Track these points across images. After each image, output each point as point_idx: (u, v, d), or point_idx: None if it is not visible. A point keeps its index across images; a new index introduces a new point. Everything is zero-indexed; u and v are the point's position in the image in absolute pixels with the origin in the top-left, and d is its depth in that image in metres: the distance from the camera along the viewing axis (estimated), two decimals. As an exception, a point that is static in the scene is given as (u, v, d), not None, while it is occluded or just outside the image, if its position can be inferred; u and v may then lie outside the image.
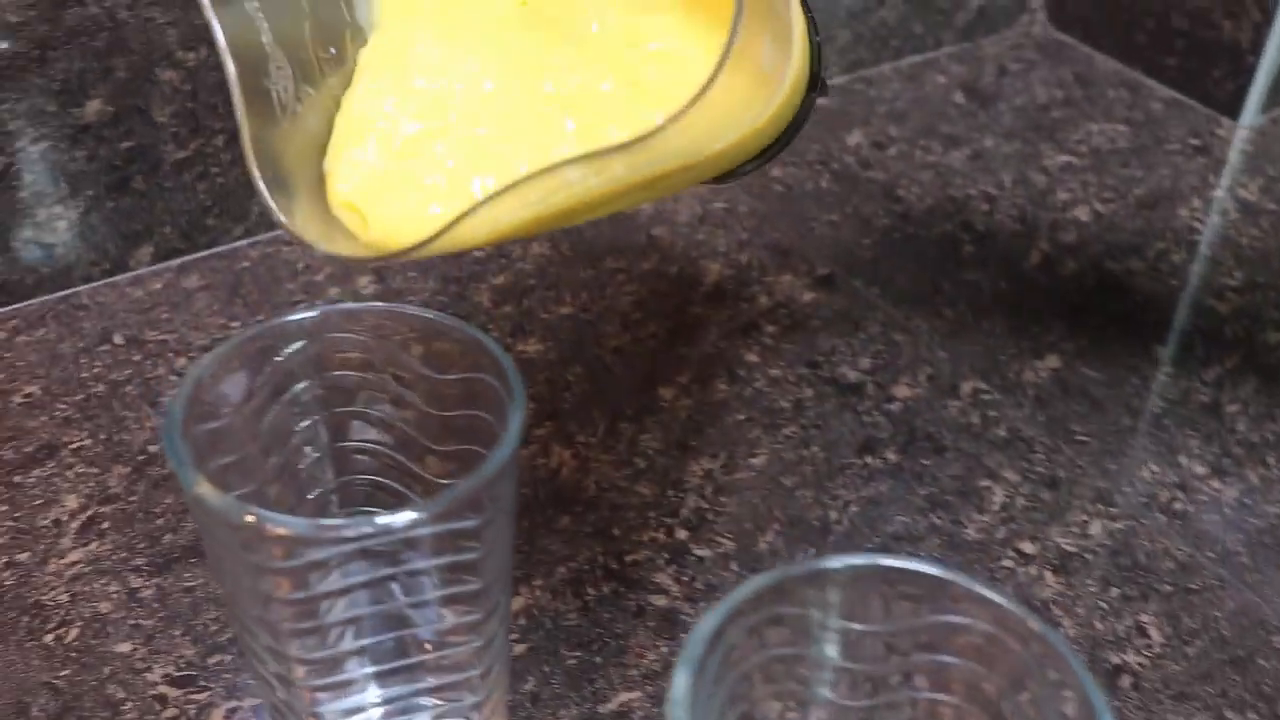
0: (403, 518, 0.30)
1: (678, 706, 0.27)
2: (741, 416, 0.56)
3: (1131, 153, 0.74)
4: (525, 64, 0.38)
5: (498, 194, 0.31)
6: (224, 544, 0.32)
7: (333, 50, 0.38)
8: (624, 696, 0.45)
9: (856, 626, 0.30)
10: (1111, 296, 0.64)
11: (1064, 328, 0.61)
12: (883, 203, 0.69)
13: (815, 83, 0.39)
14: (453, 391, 0.36)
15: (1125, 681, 0.46)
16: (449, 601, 0.34)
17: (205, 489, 0.31)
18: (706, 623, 0.28)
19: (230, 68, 0.34)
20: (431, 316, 0.36)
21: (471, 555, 0.32)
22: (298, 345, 0.35)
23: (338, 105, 0.38)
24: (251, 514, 0.30)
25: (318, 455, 0.37)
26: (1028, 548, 0.50)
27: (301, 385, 0.35)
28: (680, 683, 0.27)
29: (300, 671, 0.35)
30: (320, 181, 0.37)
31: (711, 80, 0.31)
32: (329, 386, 0.36)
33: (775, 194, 0.70)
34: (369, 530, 0.30)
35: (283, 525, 0.30)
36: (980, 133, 0.75)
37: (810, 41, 0.38)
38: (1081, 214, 0.69)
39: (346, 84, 0.39)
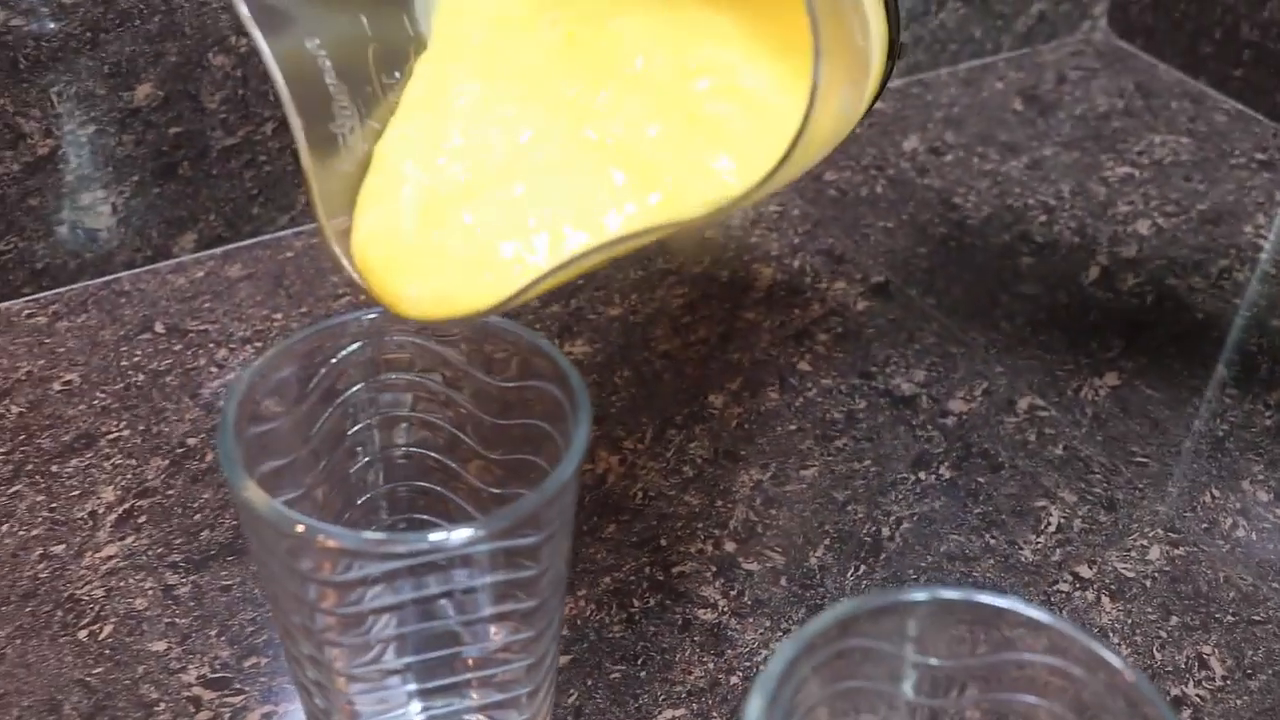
0: (460, 535, 0.29)
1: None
2: (793, 427, 0.54)
3: (1194, 166, 0.72)
4: (566, 108, 0.35)
5: (560, 267, 0.30)
6: (271, 550, 0.31)
7: (396, 75, 0.36)
8: (668, 713, 0.43)
9: (934, 661, 0.28)
10: (1172, 314, 0.62)
11: (1123, 345, 0.60)
12: (939, 210, 0.68)
13: (894, 50, 0.37)
14: (509, 398, 0.35)
15: (1185, 715, 0.44)
16: (501, 619, 0.33)
17: (254, 493, 0.30)
18: (782, 653, 0.27)
19: (299, 131, 0.32)
20: (492, 320, 0.35)
21: (528, 573, 0.31)
22: (354, 347, 0.34)
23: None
24: (302, 524, 0.29)
25: (368, 460, 0.36)
26: (1085, 571, 0.49)
27: (356, 388, 0.34)
28: (753, 712, 0.26)
29: (341, 682, 0.34)
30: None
31: (794, 146, 0.29)
32: (382, 389, 0.35)
33: (829, 198, 0.68)
34: (423, 546, 0.29)
35: (334, 537, 0.29)
36: (1039, 141, 0.74)
37: (889, 13, 0.36)
38: (1142, 228, 0.67)
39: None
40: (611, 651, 0.45)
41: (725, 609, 0.47)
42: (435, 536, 0.29)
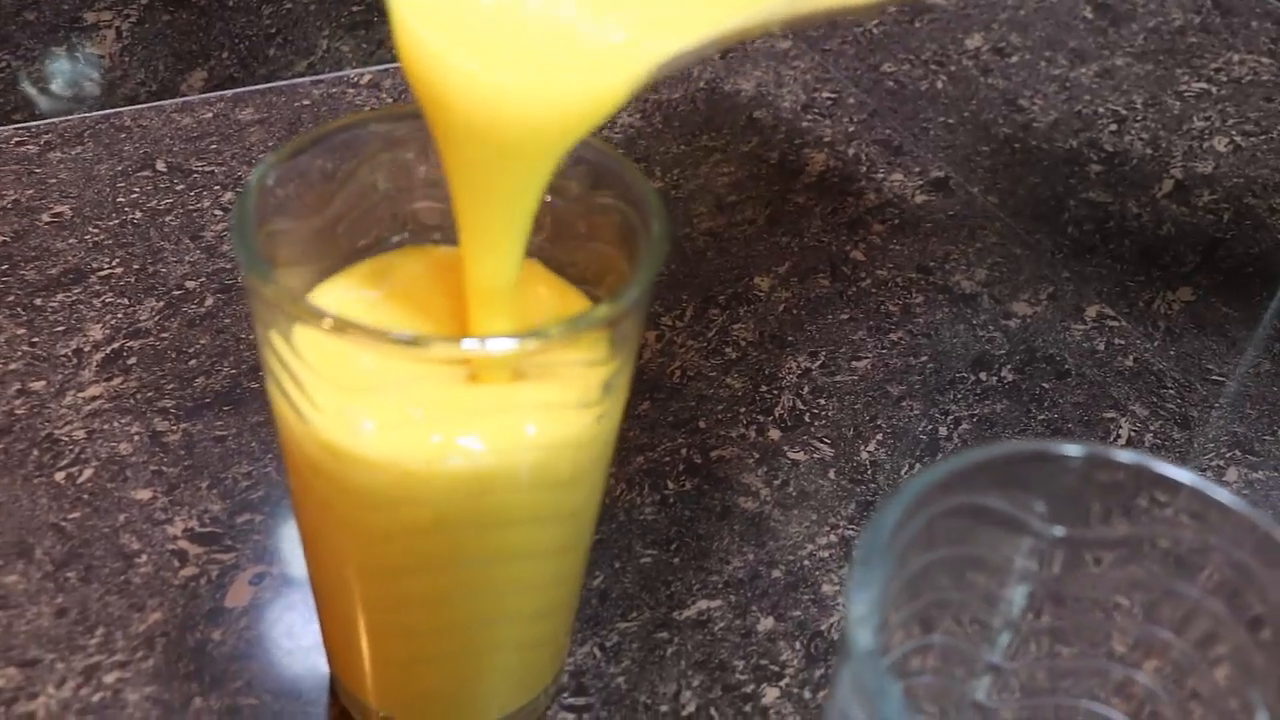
0: (518, 340, 0.25)
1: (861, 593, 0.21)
2: (844, 316, 0.50)
3: (1275, 86, 0.67)
4: None
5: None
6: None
7: None
8: (703, 604, 0.39)
9: (1059, 531, 0.24)
10: (1250, 232, 0.58)
11: (1198, 260, 0.55)
12: (1002, 110, 0.63)
13: None
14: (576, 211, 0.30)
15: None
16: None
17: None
18: (890, 508, 0.22)
19: None
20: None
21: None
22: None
23: None
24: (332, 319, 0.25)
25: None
26: (1156, 490, 0.45)
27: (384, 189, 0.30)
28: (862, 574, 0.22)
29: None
30: None
31: None
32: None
33: (886, 89, 0.64)
34: (472, 349, 0.25)
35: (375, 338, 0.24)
36: (1109, 50, 0.69)
37: None
38: (1219, 144, 0.62)
39: None
40: (643, 534, 0.41)
41: (768, 498, 0.43)
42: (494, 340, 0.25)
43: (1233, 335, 0.52)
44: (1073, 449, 0.23)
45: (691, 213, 0.54)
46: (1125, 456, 0.23)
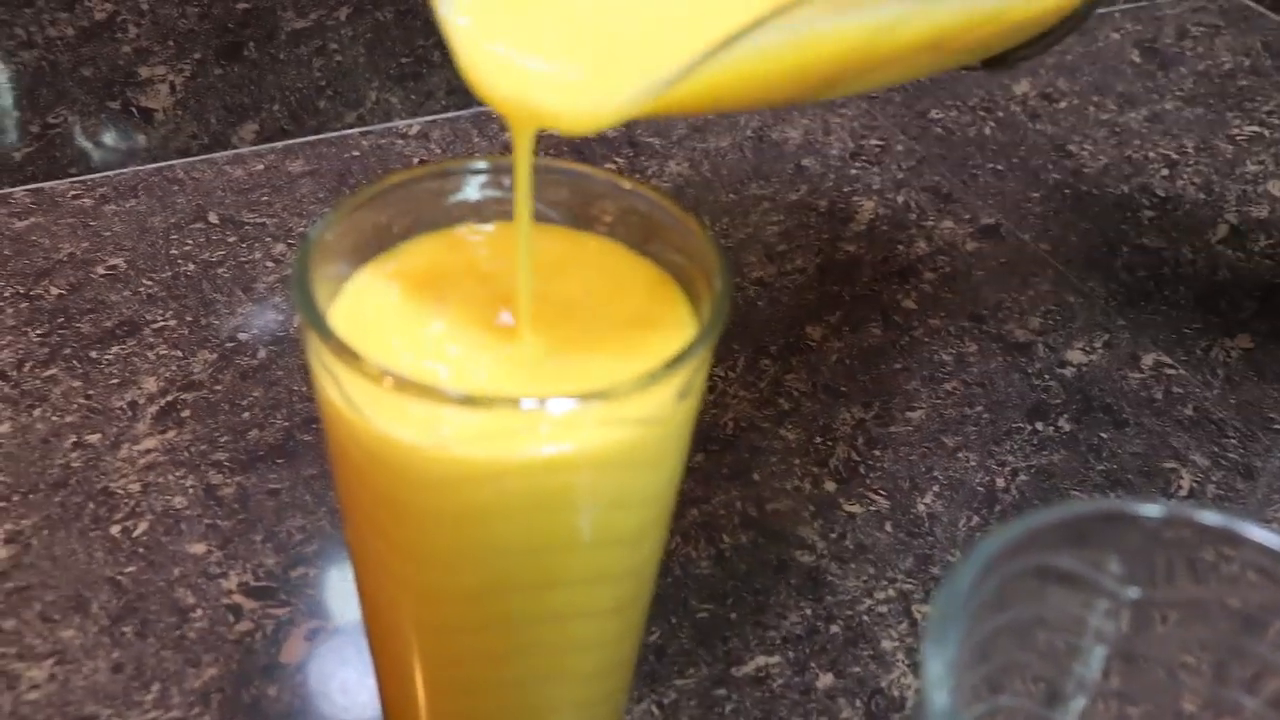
0: (578, 401, 0.24)
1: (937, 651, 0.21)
2: (898, 366, 0.50)
3: (1328, 129, 0.67)
4: None
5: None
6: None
7: None
8: (761, 660, 0.39)
9: (1134, 592, 0.24)
10: (1308, 279, 0.57)
11: (1256, 306, 0.55)
12: (1051, 156, 0.63)
13: None
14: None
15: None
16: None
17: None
18: (968, 567, 0.22)
19: None
20: (624, 184, 0.30)
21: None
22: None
23: None
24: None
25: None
26: (1219, 542, 0.44)
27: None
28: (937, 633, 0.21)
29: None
30: None
31: None
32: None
33: (934, 135, 0.63)
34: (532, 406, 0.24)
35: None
36: (1159, 94, 0.69)
37: None
38: (1274, 188, 0.62)
39: None
40: (699, 589, 0.41)
41: (825, 552, 0.42)
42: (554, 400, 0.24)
43: (1293, 383, 0.51)
44: (1152, 509, 0.23)
45: (742, 262, 0.54)
46: (1210, 518, 0.23)
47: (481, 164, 0.31)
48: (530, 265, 0.29)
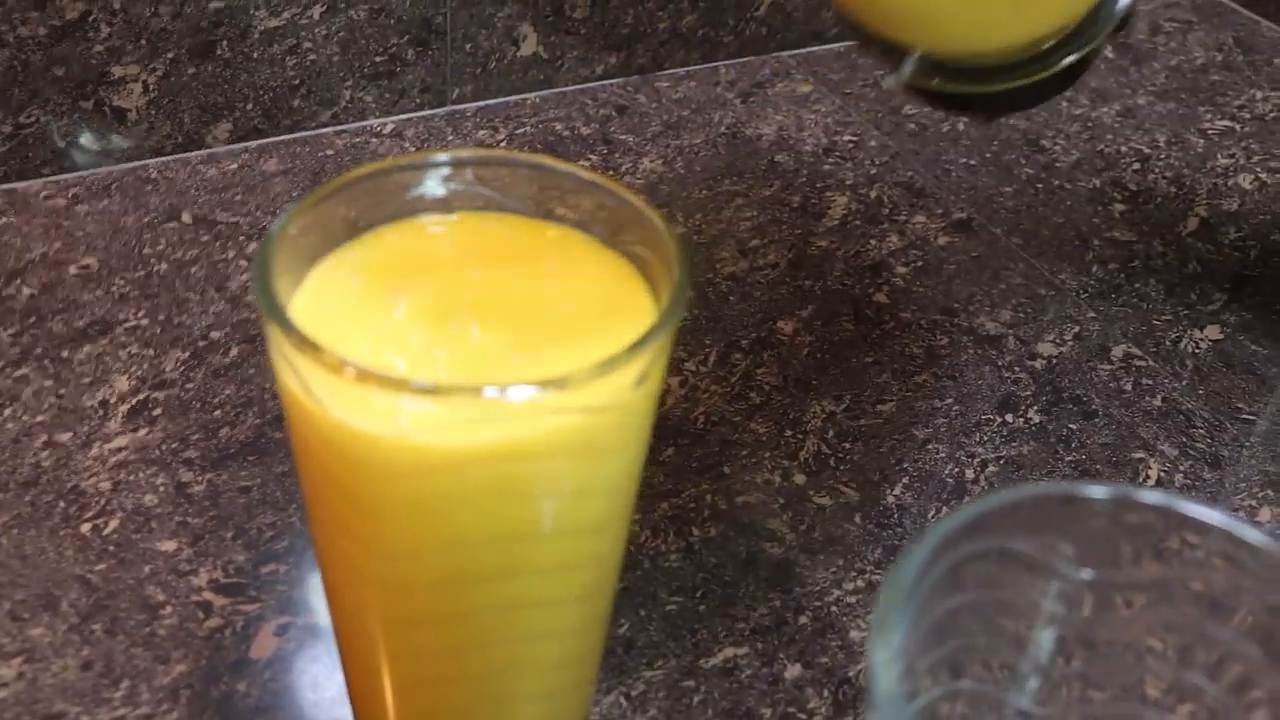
0: (539, 389, 0.25)
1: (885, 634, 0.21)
2: (869, 359, 0.50)
3: (1299, 123, 0.67)
4: None
5: None
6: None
7: None
8: (729, 651, 0.39)
9: (1087, 574, 0.24)
10: (1278, 269, 0.57)
11: (1225, 298, 0.55)
12: (1024, 151, 0.63)
13: None
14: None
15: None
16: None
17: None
18: (915, 553, 0.22)
19: None
20: (584, 175, 0.30)
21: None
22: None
23: None
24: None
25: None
26: (1187, 531, 0.44)
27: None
28: (883, 619, 0.21)
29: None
30: None
31: None
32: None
33: (907, 131, 0.64)
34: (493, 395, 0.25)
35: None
36: (1131, 89, 0.69)
37: None
38: (1244, 181, 0.62)
39: None
40: (668, 581, 0.41)
41: (794, 544, 0.42)
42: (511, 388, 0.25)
43: (1262, 373, 0.51)
44: (1099, 490, 0.23)
45: (714, 257, 0.54)
46: (1152, 497, 0.23)
47: (443, 157, 0.31)
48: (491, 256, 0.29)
